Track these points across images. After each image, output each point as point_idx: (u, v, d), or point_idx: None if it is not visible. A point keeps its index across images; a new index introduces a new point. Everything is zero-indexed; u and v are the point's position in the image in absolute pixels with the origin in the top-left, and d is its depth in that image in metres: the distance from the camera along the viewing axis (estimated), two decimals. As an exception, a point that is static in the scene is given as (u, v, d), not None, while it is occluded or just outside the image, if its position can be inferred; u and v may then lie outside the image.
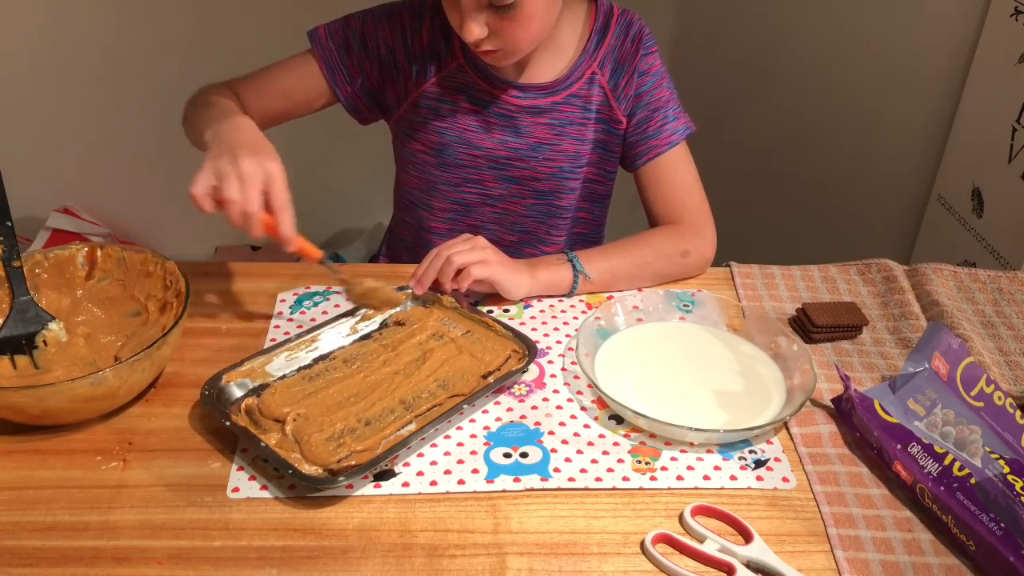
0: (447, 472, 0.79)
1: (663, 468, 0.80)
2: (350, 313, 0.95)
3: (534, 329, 0.98)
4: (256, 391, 0.85)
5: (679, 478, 0.79)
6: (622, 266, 1.05)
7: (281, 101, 1.10)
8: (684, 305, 1.01)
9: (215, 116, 0.95)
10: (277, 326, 0.97)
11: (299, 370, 0.89)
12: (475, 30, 0.94)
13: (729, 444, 0.83)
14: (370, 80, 1.09)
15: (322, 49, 1.08)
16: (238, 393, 0.85)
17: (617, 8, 1.11)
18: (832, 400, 0.88)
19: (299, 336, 0.91)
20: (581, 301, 1.04)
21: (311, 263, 0.92)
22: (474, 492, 0.77)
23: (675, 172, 1.12)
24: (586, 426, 0.85)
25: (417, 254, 0.99)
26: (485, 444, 0.82)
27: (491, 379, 0.87)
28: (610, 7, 1.10)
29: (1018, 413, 0.83)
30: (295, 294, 1.03)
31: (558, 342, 0.97)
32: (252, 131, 0.91)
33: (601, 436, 0.83)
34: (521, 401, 0.88)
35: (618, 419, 0.86)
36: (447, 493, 0.77)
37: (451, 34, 1.07)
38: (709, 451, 0.82)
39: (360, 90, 1.10)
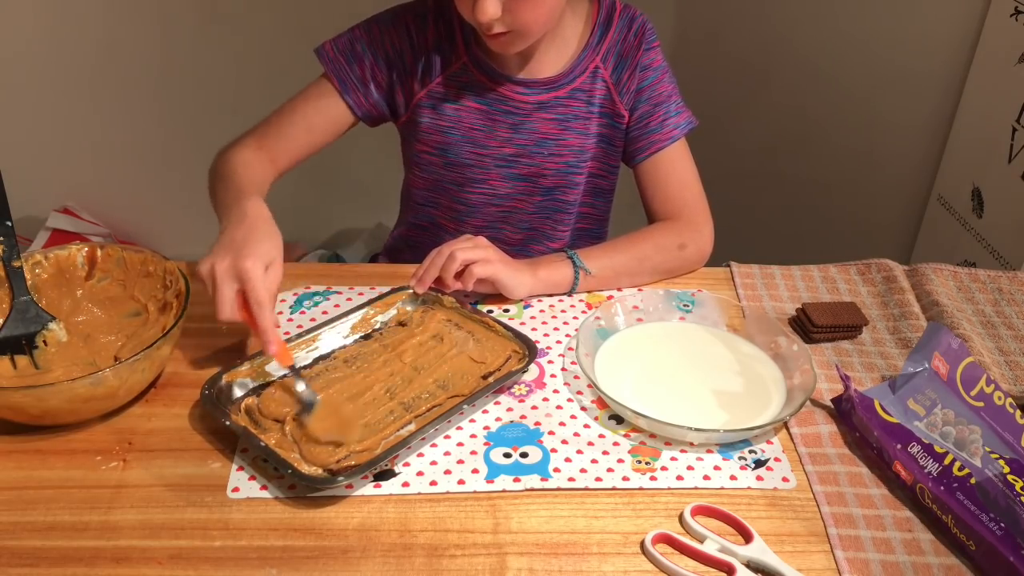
0: (447, 472, 0.78)
1: (663, 468, 0.80)
2: (350, 313, 0.95)
3: (534, 329, 0.98)
4: (256, 391, 0.85)
5: (679, 478, 0.79)
6: (622, 261, 1.05)
7: (307, 137, 1.09)
8: (684, 305, 1.01)
9: (225, 199, 0.96)
10: (277, 326, 0.97)
11: (300, 370, 0.89)
12: (490, 9, 0.94)
13: (729, 444, 0.83)
14: (381, 88, 1.10)
15: (331, 64, 1.08)
16: (238, 393, 0.85)
17: (620, 3, 1.11)
18: (832, 400, 0.88)
19: (299, 336, 0.91)
20: (581, 301, 1.04)
21: (281, 363, 0.86)
22: (474, 492, 0.77)
23: (675, 167, 1.12)
24: (586, 426, 0.85)
25: (422, 254, 0.99)
26: (485, 444, 0.82)
27: (491, 379, 0.87)
28: (612, 2, 1.11)
29: (1018, 413, 0.83)
30: (295, 294, 1.03)
31: (558, 342, 0.97)
32: (252, 220, 0.88)
33: (601, 436, 0.83)
34: (521, 401, 0.88)
35: (618, 419, 0.86)
36: (447, 493, 0.77)
37: (454, 33, 1.08)
38: (709, 451, 0.82)
39: (374, 100, 1.10)
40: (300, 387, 0.84)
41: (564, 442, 0.82)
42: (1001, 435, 0.80)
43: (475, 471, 0.79)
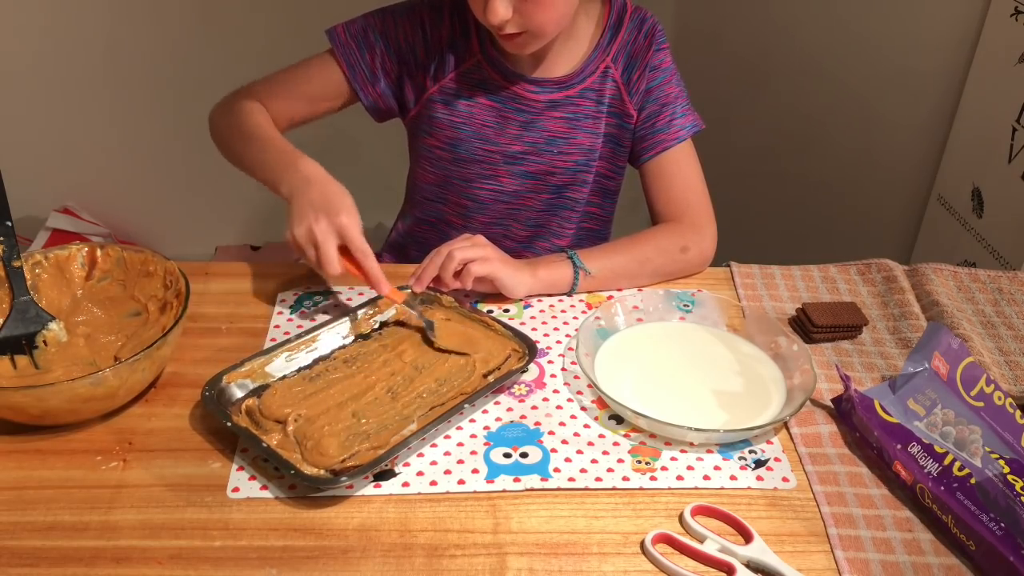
0: (447, 472, 0.79)
1: (663, 468, 0.80)
2: (349, 313, 0.95)
3: (534, 329, 0.98)
4: (256, 392, 0.85)
5: (679, 478, 0.79)
6: (622, 263, 1.05)
7: (305, 105, 1.11)
8: (684, 305, 1.01)
9: (270, 154, 1.00)
10: (277, 326, 0.97)
11: (299, 370, 0.89)
12: (500, 11, 0.94)
13: (729, 444, 0.83)
14: (390, 77, 1.10)
15: (342, 48, 1.08)
16: (239, 394, 0.85)
17: (631, 5, 1.12)
18: (832, 400, 0.88)
19: (299, 336, 0.91)
20: (581, 301, 1.04)
21: (395, 301, 0.95)
22: (474, 492, 0.77)
23: (680, 168, 1.12)
24: (586, 426, 0.85)
25: (428, 250, 1.00)
26: (485, 444, 0.82)
27: (491, 378, 0.87)
28: (623, 3, 1.11)
29: (1018, 413, 0.83)
30: (295, 294, 1.03)
31: (558, 342, 0.97)
32: (320, 181, 0.95)
33: (601, 436, 0.83)
34: (521, 401, 0.88)
35: (618, 419, 0.86)
36: (447, 493, 0.77)
37: (470, 30, 1.08)
38: (709, 451, 0.82)
39: (381, 89, 1.10)
40: (415, 314, 0.94)
41: (564, 442, 0.82)
42: (1001, 435, 0.80)
43: (475, 471, 0.79)
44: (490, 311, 1.00)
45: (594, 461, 0.80)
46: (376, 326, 0.97)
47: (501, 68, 1.09)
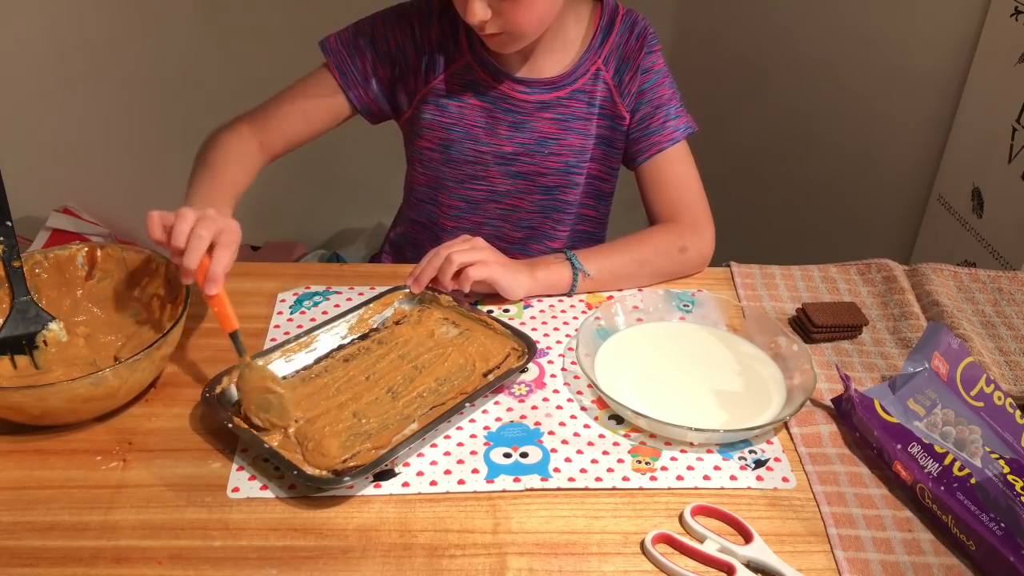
0: (447, 472, 0.78)
1: (663, 468, 0.80)
2: (348, 313, 0.95)
3: (534, 329, 0.98)
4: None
5: (679, 478, 0.79)
6: (621, 264, 1.05)
7: (303, 124, 1.10)
8: (684, 305, 1.01)
9: (199, 188, 0.98)
10: (277, 326, 0.97)
11: (298, 371, 0.89)
12: (478, 11, 0.95)
13: (729, 444, 0.83)
14: (382, 83, 1.10)
15: (334, 56, 1.08)
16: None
17: (622, 7, 1.12)
18: (832, 400, 0.88)
19: (297, 337, 0.91)
20: (581, 301, 1.04)
21: (223, 327, 0.84)
22: (474, 492, 0.77)
23: (676, 169, 1.12)
24: (586, 426, 0.85)
25: (424, 251, 1.00)
26: (485, 444, 0.82)
27: (491, 377, 0.87)
28: (615, 6, 1.12)
29: (1018, 413, 0.83)
30: (295, 294, 1.03)
31: (558, 342, 0.97)
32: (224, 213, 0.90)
33: (601, 436, 0.83)
34: (521, 401, 0.88)
35: (618, 419, 0.86)
36: (447, 493, 0.77)
37: (459, 32, 1.09)
38: (709, 451, 0.82)
39: (373, 93, 1.10)
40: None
41: (564, 442, 0.82)
42: (1001, 435, 0.80)
43: (475, 471, 0.79)
44: (490, 311, 1.00)
45: (594, 461, 0.80)
46: (375, 326, 0.97)
47: (491, 69, 1.09)
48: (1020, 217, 1.60)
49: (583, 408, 0.87)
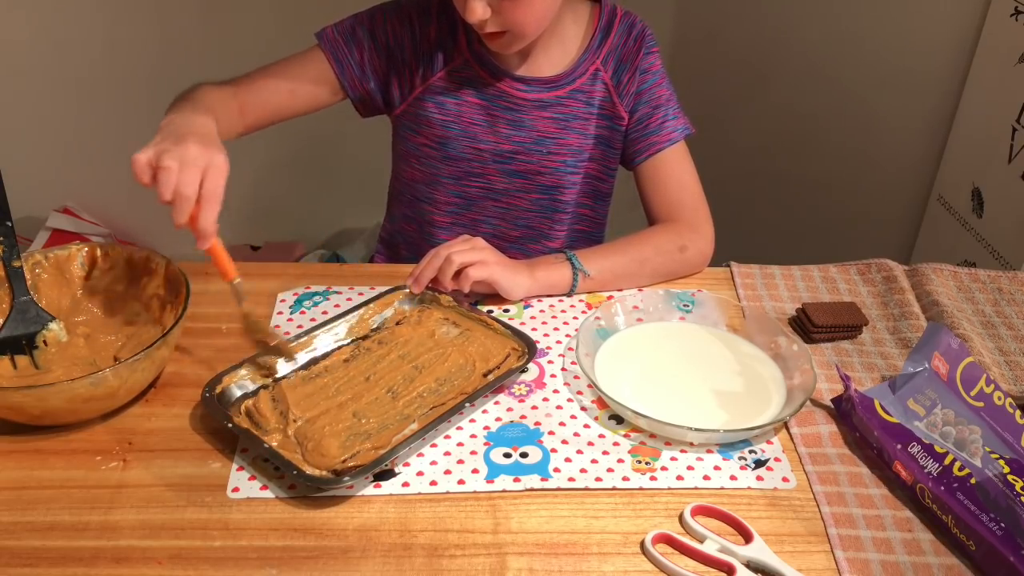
0: (447, 472, 0.78)
1: (663, 468, 0.80)
2: (347, 313, 0.95)
3: (534, 329, 0.98)
4: (256, 392, 0.85)
5: (679, 478, 0.79)
6: (621, 263, 1.05)
7: (286, 97, 1.09)
8: (684, 305, 1.01)
9: (180, 108, 0.93)
10: (277, 326, 0.97)
11: (298, 371, 0.89)
12: (478, 10, 0.95)
13: (729, 444, 0.83)
14: (377, 75, 1.10)
15: (330, 44, 1.08)
16: (238, 394, 0.85)
17: (620, 9, 1.13)
18: (832, 400, 0.88)
19: (297, 337, 0.91)
20: (581, 301, 1.04)
21: (223, 277, 0.85)
22: (474, 492, 0.77)
23: (674, 169, 1.13)
24: (586, 426, 0.85)
25: (419, 248, 1.00)
26: (485, 444, 0.82)
27: (491, 377, 0.87)
28: (614, 7, 1.12)
29: (1018, 413, 0.83)
30: (295, 294, 1.03)
31: (558, 342, 0.97)
32: (206, 127, 0.87)
33: (601, 436, 0.83)
34: (521, 401, 0.88)
35: (618, 419, 0.86)
36: (447, 493, 0.77)
37: (458, 29, 1.09)
38: (709, 451, 0.82)
39: (368, 85, 1.11)
40: (236, 301, 0.87)
41: (564, 442, 0.82)
42: (1001, 435, 0.80)
43: (475, 471, 0.79)
44: (490, 311, 1.00)
45: (594, 461, 0.80)
46: (375, 326, 0.97)
47: (489, 66, 1.09)
48: (1020, 217, 1.60)
49: (583, 408, 0.87)
